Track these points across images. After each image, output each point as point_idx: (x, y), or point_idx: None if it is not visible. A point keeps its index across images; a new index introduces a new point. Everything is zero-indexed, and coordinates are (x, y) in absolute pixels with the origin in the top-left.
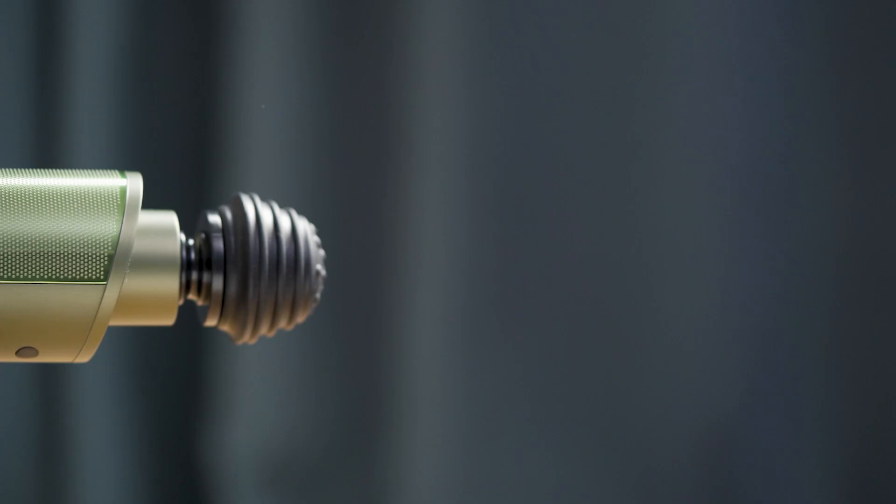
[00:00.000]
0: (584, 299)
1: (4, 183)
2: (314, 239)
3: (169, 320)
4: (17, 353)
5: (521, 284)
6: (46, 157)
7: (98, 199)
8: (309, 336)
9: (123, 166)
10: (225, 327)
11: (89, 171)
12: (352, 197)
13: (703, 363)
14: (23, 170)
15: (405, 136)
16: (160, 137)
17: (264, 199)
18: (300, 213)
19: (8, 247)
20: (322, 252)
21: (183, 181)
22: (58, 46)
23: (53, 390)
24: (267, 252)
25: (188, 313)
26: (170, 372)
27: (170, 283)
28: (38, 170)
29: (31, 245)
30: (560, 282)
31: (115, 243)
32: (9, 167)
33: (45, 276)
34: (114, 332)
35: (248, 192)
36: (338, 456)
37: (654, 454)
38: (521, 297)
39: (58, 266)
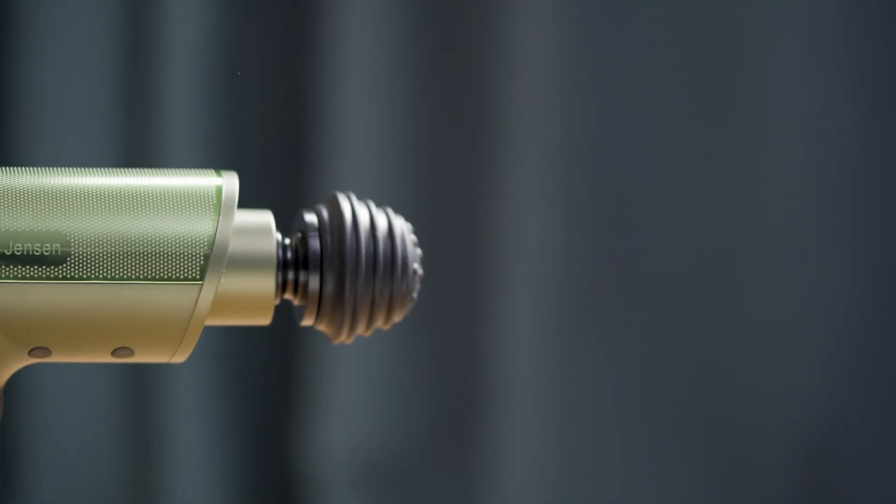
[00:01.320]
0: (680, 299)
1: (101, 183)
2: (411, 238)
3: (265, 320)
4: (113, 353)
5: (616, 284)
6: (140, 156)
7: (194, 199)
8: (403, 336)
9: (218, 165)
10: (321, 327)
11: (185, 170)
12: (446, 196)
13: (801, 364)
14: (119, 169)
15: (499, 134)
16: (255, 136)
17: (361, 197)
18: (395, 211)
19: (104, 247)
20: (419, 251)
21: (278, 180)
22: (150, 46)
23: (146, 391)
24: (364, 251)
25: (282, 313)
26: (264, 372)
27: (266, 283)
28: (134, 169)
29: (127, 245)
30: (655, 282)
31: (212, 243)
32: (104, 167)
33: (142, 276)
34: (207, 331)
35: (345, 190)
36: (431, 456)
37: (750, 455)
38: (616, 297)
39: (154, 266)
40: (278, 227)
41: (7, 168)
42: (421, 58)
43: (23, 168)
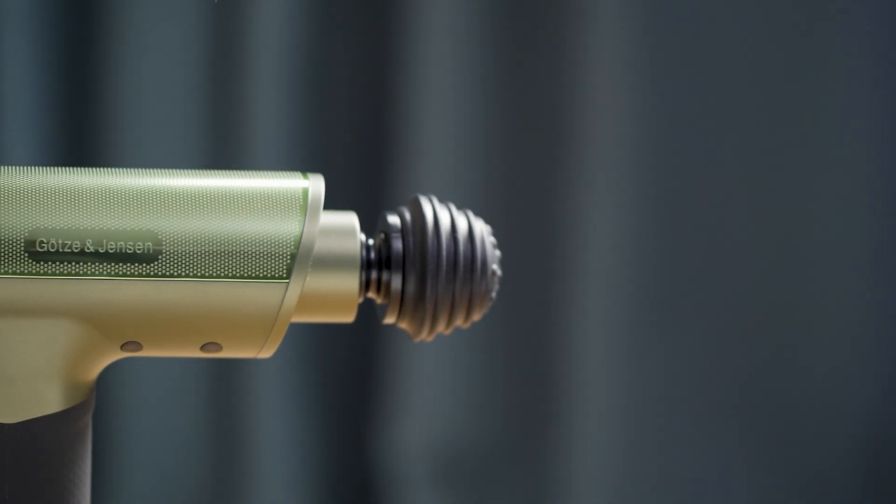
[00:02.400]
0: (749, 297)
1: (191, 184)
2: (490, 240)
3: (349, 318)
4: (202, 348)
5: (687, 283)
6: (227, 158)
7: (281, 200)
8: (480, 334)
9: (303, 168)
10: (403, 325)
11: (272, 172)
12: (523, 198)
13: (868, 363)
14: (208, 171)
15: (576, 138)
16: (339, 140)
17: (442, 200)
18: (475, 214)
19: (194, 246)
20: (498, 252)
21: (361, 182)
22: (236, 50)
23: (231, 386)
24: (444, 252)
25: (363, 310)
26: (345, 368)
27: (350, 282)
28: (223, 171)
29: (216, 244)
30: (725, 280)
31: (298, 243)
32: (191, 168)
33: (230, 275)
34: (291, 328)
35: (426, 193)
36: (507, 451)
37: (817, 453)
38: (687, 295)
39: (242, 265)
40: (362, 228)
41: (100, 169)
42: (500, 61)
43: (115, 169)
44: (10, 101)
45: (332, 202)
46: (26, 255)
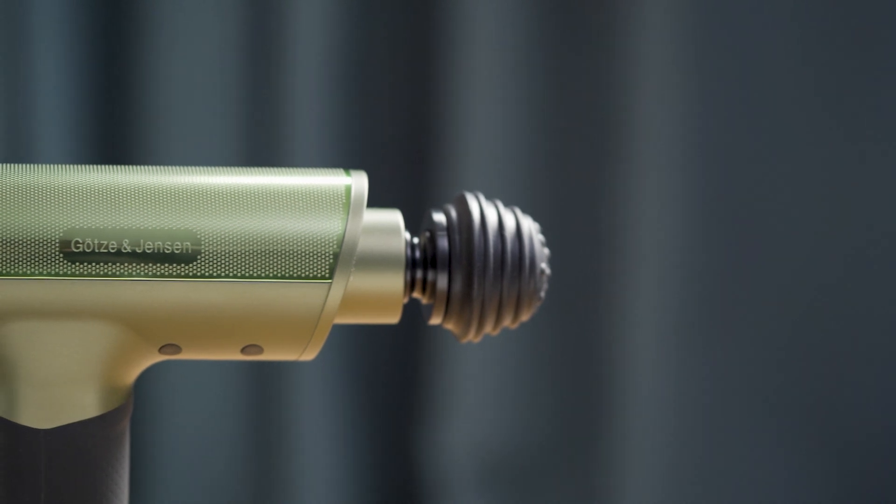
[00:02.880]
0: (801, 300)
1: (230, 182)
2: (539, 237)
3: (393, 318)
4: (243, 350)
5: (737, 285)
6: (268, 155)
7: (323, 198)
8: (526, 335)
9: (345, 165)
10: (449, 326)
11: (314, 169)
12: (571, 196)
13: None
14: (248, 168)
15: (623, 135)
16: (381, 136)
17: (489, 197)
18: (522, 211)
19: (234, 245)
20: (546, 251)
21: (406, 179)
22: (276, 46)
23: (272, 389)
24: (492, 250)
25: (408, 311)
26: (389, 370)
27: (395, 282)
28: (263, 168)
29: (257, 244)
30: (776, 283)
31: (341, 242)
32: (231, 166)
33: (271, 275)
34: (333, 329)
35: (472, 190)
36: (553, 455)
37: (869, 457)
38: (737, 297)
39: (283, 264)
40: (407, 227)
41: (137, 167)
42: (545, 56)
43: (152, 167)
44: (43, 99)
45: (375, 200)
46: (61, 255)
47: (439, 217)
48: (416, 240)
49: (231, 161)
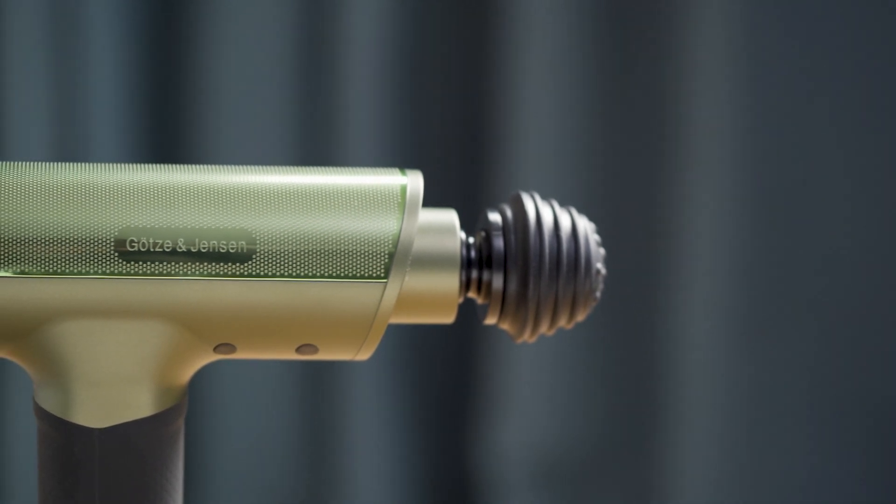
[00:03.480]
0: (855, 297)
1: (286, 181)
2: (594, 237)
3: (448, 318)
4: (298, 350)
5: (791, 283)
6: (319, 155)
7: (379, 198)
8: (581, 335)
9: (400, 164)
10: (505, 326)
11: (369, 168)
12: (626, 195)
13: None
14: (303, 167)
15: (681, 131)
16: (437, 135)
17: (544, 197)
18: (578, 211)
19: (289, 245)
20: (602, 250)
21: (461, 179)
22: (331, 44)
23: (323, 389)
24: (547, 250)
25: (463, 311)
26: (443, 370)
27: (450, 281)
28: (319, 168)
29: (312, 243)
30: (830, 280)
31: (396, 241)
32: (285, 165)
33: (326, 274)
34: (387, 328)
35: (528, 190)
36: (608, 455)
37: None
38: (793, 297)
39: (338, 264)
40: (462, 227)
41: (192, 166)
42: (600, 56)
43: (207, 166)
44: (99, 98)
45: (430, 199)
46: (116, 254)
47: (495, 217)
48: (471, 239)
49: (285, 161)
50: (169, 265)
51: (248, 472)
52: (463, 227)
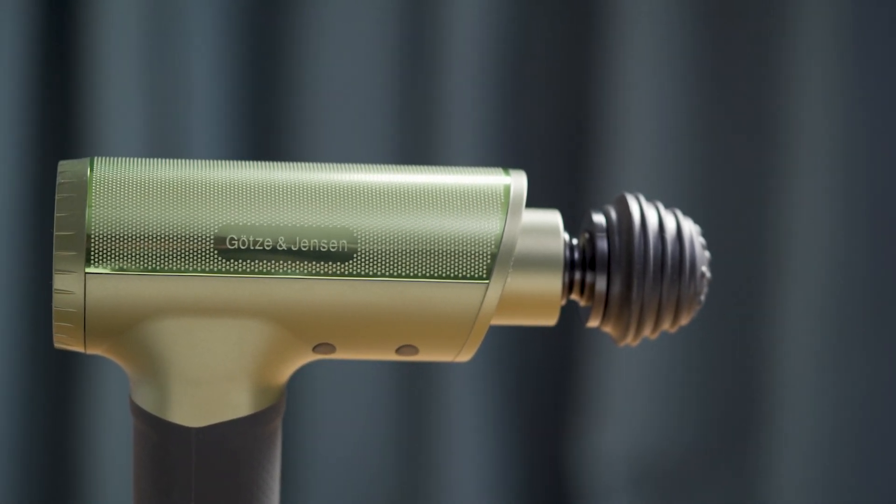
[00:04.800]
0: None
1: (387, 180)
2: (699, 240)
3: (550, 320)
4: (398, 351)
5: (894, 287)
6: (423, 155)
7: (482, 198)
8: (679, 338)
9: (503, 165)
10: (607, 328)
11: (472, 168)
12: (727, 197)
13: None
14: (405, 167)
15: (784, 133)
16: (541, 135)
17: (649, 198)
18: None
19: (391, 244)
20: (707, 253)
21: (564, 180)
22: (430, 43)
23: (420, 390)
24: (652, 252)
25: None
26: (542, 373)
27: (552, 283)
28: (421, 167)
29: (414, 243)
30: None
31: (499, 242)
32: (386, 164)
33: (428, 275)
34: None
35: (633, 191)
36: (706, 459)
37: None
38: (894, 300)
39: (440, 264)
40: (565, 228)
41: (292, 163)
42: (703, 57)
43: (308, 164)
44: (199, 97)
45: (534, 200)
46: (216, 252)
47: (599, 218)
48: (574, 241)
49: (387, 160)
50: (269, 263)
51: (344, 473)
52: (566, 228)
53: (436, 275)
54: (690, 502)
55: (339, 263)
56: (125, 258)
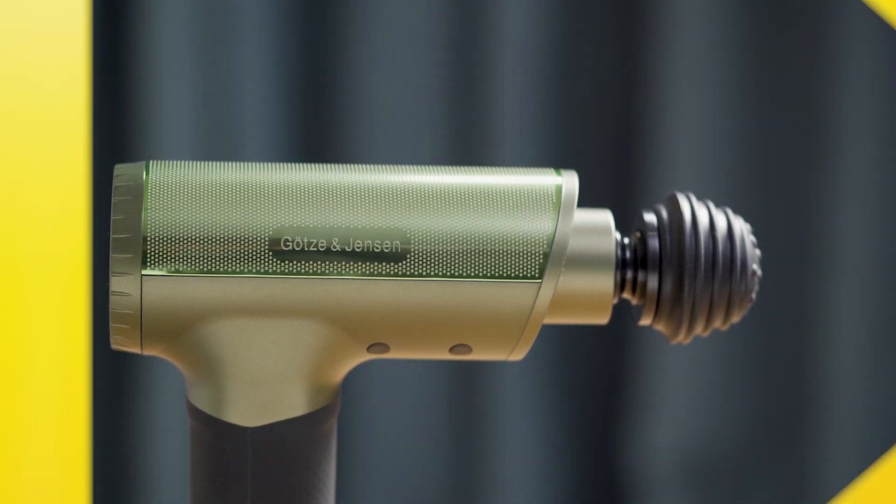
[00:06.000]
0: None
1: (439, 180)
2: (750, 238)
3: (603, 319)
4: (451, 350)
5: None
6: (475, 155)
7: (534, 197)
8: (731, 335)
9: (554, 165)
10: (659, 327)
11: (524, 168)
12: (778, 194)
13: None
14: (456, 167)
15: (833, 133)
16: (592, 135)
17: (700, 197)
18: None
19: (444, 245)
20: (758, 252)
21: (616, 179)
22: (479, 44)
23: (473, 388)
24: (703, 251)
25: (615, 311)
26: (594, 371)
27: (604, 282)
28: (472, 167)
29: (466, 243)
30: None
31: (551, 241)
32: (438, 164)
33: (480, 274)
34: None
35: (684, 190)
36: (758, 456)
37: None
38: None
39: (493, 264)
40: (616, 227)
41: (345, 165)
42: (753, 57)
43: (360, 165)
44: (253, 100)
45: (585, 200)
46: (270, 254)
47: (650, 217)
48: (626, 240)
49: (438, 161)
50: (323, 264)
51: (398, 472)
52: (618, 227)
53: (489, 274)
54: (741, 499)
55: (392, 264)
56: (181, 260)
